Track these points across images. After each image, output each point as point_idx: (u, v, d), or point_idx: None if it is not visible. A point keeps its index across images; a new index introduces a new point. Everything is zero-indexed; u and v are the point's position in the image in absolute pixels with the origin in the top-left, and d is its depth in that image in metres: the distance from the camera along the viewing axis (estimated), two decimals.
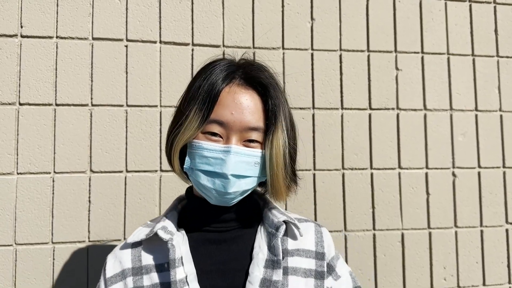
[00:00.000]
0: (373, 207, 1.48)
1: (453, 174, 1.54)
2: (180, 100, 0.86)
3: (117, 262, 0.85)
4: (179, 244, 0.81)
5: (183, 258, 0.80)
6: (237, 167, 0.78)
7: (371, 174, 1.49)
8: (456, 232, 1.52)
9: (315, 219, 1.44)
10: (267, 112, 0.82)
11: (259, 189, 0.94)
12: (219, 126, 0.79)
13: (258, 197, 0.96)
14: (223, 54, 1.41)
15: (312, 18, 1.50)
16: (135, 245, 0.86)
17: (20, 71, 1.31)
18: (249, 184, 0.82)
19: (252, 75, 0.83)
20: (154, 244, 0.84)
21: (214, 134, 0.80)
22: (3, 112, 1.29)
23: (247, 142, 0.81)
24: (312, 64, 1.49)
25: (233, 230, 0.86)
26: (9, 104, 1.30)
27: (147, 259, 0.83)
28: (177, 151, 0.83)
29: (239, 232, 0.87)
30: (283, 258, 0.82)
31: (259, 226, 0.88)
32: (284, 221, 0.85)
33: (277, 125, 0.81)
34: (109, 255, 0.88)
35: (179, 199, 0.97)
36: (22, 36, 1.32)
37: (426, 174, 1.52)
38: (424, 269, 1.49)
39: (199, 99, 0.79)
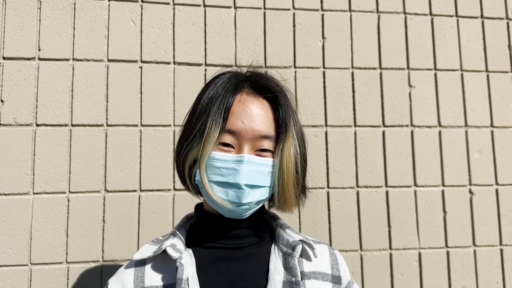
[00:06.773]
0: (389, 225, 1.46)
1: (470, 192, 1.51)
2: (188, 115, 0.84)
3: (119, 283, 0.80)
4: (187, 264, 0.78)
5: (189, 280, 0.76)
6: (250, 176, 0.76)
7: (386, 192, 1.47)
8: (475, 251, 1.48)
9: (330, 238, 1.42)
10: (277, 120, 0.80)
11: (266, 204, 0.91)
12: (230, 136, 0.77)
13: (269, 216, 0.93)
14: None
15: (323, 37, 1.51)
16: (139, 264, 0.82)
17: (37, 93, 1.34)
18: (263, 194, 0.79)
19: (261, 83, 0.82)
20: (160, 263, 0.81)
21: (226, 144, 0.77)
22: (21, 132, 1.32)
23: (259, 151, 0.78)
24: (324, 82, 1.49)
25: (245, 247, 0.83)
26: (27, 125, 1.32)
27: (151, 279, 0.79)
28: (201, 166, 0.78)
29: (251, 250, 0.83)
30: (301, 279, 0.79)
31: (272, 245, 0.85)
32: (299, 241, 0.82)
33: (288, 133, 0.79)
34: (111, 278, 0.83)
35: (187, 217, 0.93)
36: (39, 59, 1.36)
37: (443, 191, 1.50)
38: None
39: (213, 111, 0.77)
